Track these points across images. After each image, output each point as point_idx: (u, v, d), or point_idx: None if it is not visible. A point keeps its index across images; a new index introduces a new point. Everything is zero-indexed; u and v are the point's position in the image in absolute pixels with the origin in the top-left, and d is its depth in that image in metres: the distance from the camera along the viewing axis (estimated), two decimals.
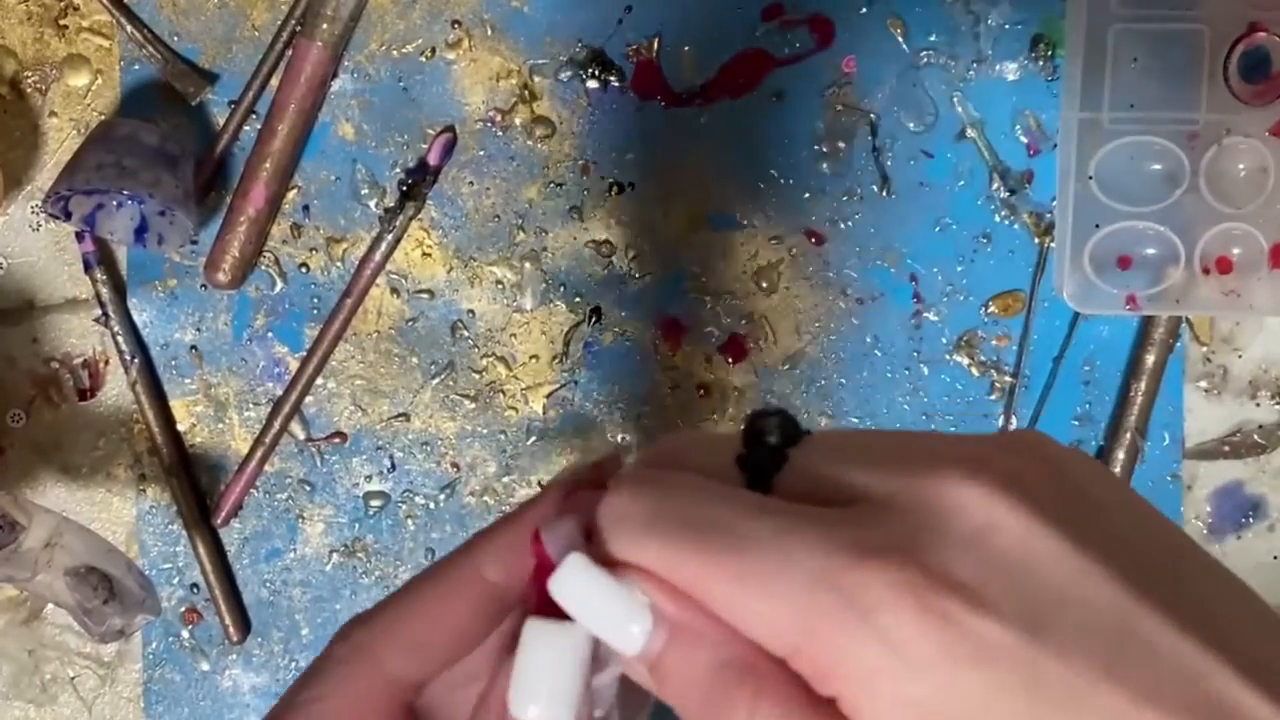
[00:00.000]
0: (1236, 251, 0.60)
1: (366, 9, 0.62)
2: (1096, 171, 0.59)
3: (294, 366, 0.63)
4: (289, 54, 0.61)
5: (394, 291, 0.63)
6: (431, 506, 0.63)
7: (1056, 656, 0.22)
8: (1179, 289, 0.60)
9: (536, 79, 0.62)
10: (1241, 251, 0.60)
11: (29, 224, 0.63)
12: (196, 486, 0.63)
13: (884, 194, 0.63)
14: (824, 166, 0.63)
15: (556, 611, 0.27)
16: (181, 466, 0.63)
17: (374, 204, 0.63)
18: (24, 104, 0.62)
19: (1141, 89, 0.59)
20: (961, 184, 0.63)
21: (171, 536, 0.63)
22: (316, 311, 0.63)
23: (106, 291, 0.62)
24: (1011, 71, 0.62)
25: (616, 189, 0.63)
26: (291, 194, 0.63)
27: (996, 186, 0.63)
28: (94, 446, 0.63)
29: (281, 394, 0.63)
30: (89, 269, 0.62)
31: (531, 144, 0.62)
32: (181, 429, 0.63)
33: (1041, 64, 0.62)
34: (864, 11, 0.62)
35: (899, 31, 0.62)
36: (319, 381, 0.63)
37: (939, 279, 0.63)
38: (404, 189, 0.62)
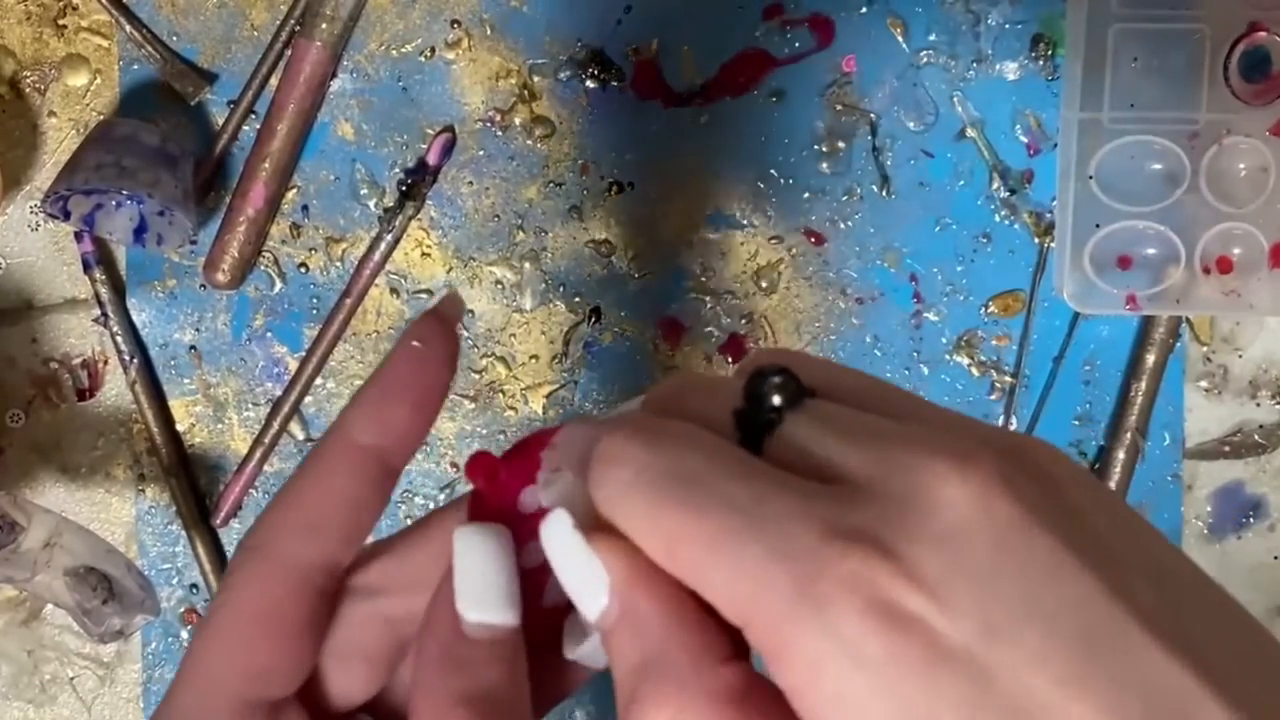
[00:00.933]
0: (1237, 251, 0.60)
1: (366, 9, 0.62)
2: (1097, 171, 0.59)
3: (293, 366, 0.63)
4: (288, 54, 0.61)
5: (393, 291, 0.63)
6: (431, 507, 0.63)
7: (1015, 665, 0.21)
8: (1179, 289, 0.60)
9: (536, 79, 0.62)
10: (1242, 251, 0.60)
11: (28, 224, 0.63)
12: (196, 487, 0.63)
13: (884, 194, 0.63)
14: (824, 166, 0.63)
15: (486, 517, 0.29)
16: (181, 467, 0.63)
17: (373, 204, 0.63)
18: (23, 104, 0.62)
19: (1142, 89, 0.59)
20: (961, 184, 0.63)
21: (171, 537, 0.63)
22: (316, 311, 0.63)
23: (106, 291, 0.62)
24: (1012, 71, 0.62)
25: (616, 189, 0.63)
26: (291, 194, 0.63)
27: (997, 186, 0.63)
28: (93, 447, 0.63)
29: (281, 394, 0.63)
30: (88, 269, 0.62)
31: (531, 144, 0.62)
32: (181, 429, 0.63)
33: (1042, 63, 0.62)
34: (864, 11, 0.62)
35: (899, 31, 0.62)
36: (318, 382, 0.63)
37: (939, 279, 0.63)
38: (403, 189, 0.62)
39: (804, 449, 0.25)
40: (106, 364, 0.63)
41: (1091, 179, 0.59)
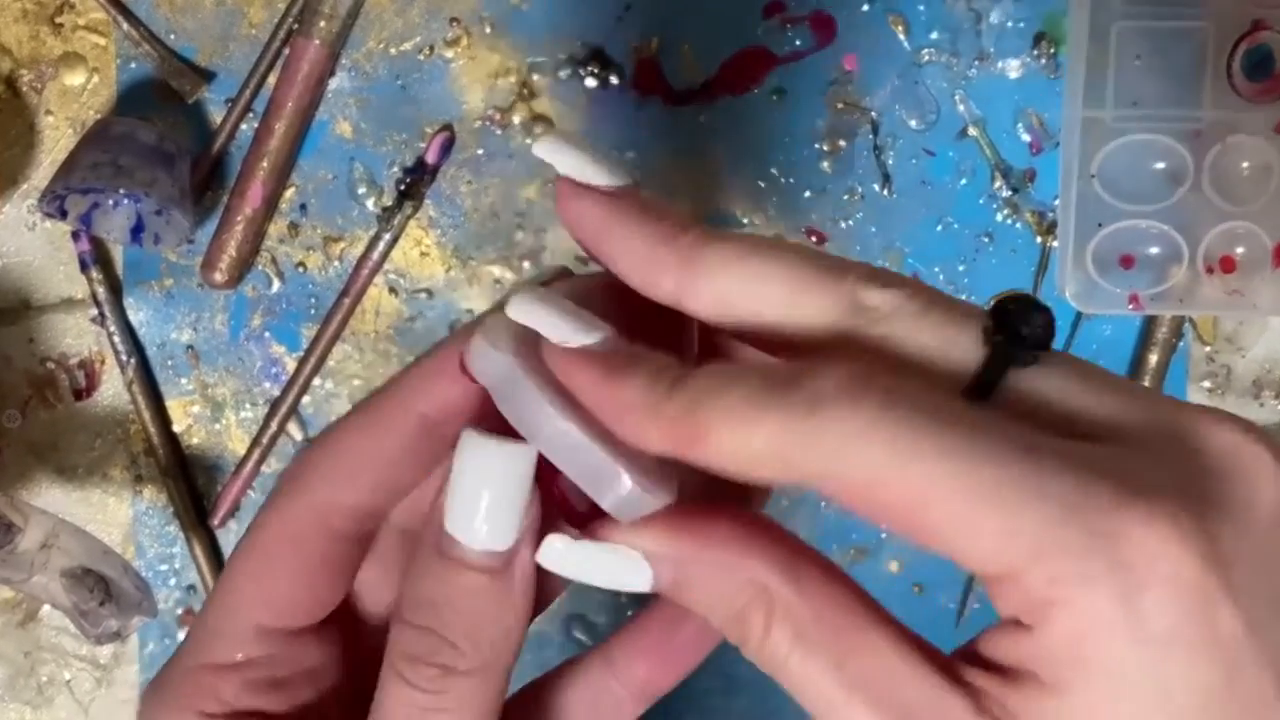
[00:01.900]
0: (1240, 250, 0.60)
1: (364, 7, 0.61)
2: (1099, 170, 0.59)
3: (291, 366, 0.63)
4: (286, 52, 0.61)
5: (392, 291, 0.63)
6: None
7: (1260, 663, 0.21)
8: (1182, 288, 0.60)
9: (535, 77, 0.62)
10: (1245, 250, 0.60)
11: (24, 223, 0.62)
12: (193, 487, 0.63)
13: (885, 193, 0.62)
14: (825, 165, 0.62)
15: (498, 427, 0.27)
16: (178, 467, 0.62)
17: (372, 203, 0.62)
18: (20, 102, 0.62)
19: (1145, 87, 0.59)
20: (963, 182, 0.62)
21: (168, 538, 0.63)
22: (314, 311, 0.63)
23: (102, 291, 0.61)
24: (1014, 69, 0.62)
25: None
26: (289, 193, 0.62)
27: (999, 185, 0.62)
28: (90, 447, 0.63)
29: (279, 394, 0.63)
30: (85, 268, 0.61)
31: (530, 142, 0.62)
32: (178, 429, 0.63)
33: (1044, 61, 0.62)
34: (865, 9, 0.62)
35: (900, 29, 0.62)
36: (316, 381, 0.63)
37: (941, 278, 0.63)
38: (402, 188, 0.62)
39: (1049, 399, 0.23)
40: (103, 364, 0.63)
41: (1094, 178, 0.59)
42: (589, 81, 0.62)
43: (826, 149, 0.62)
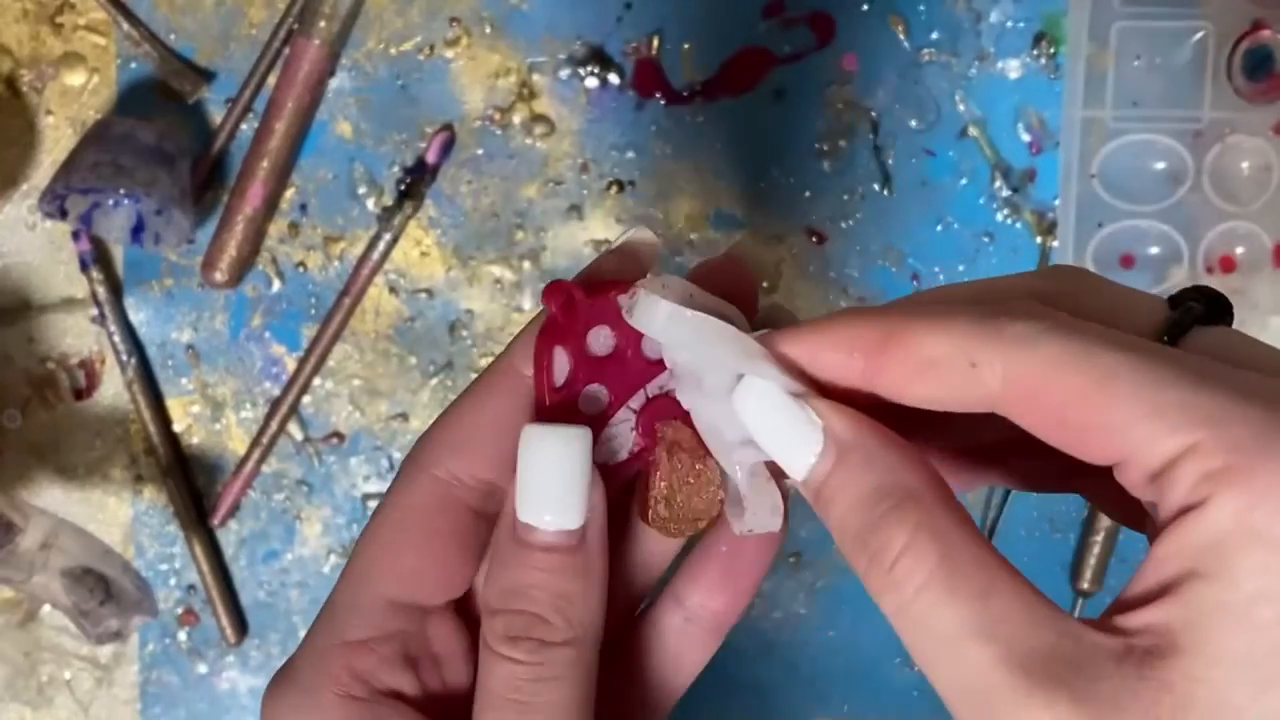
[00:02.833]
0: (1240, 250, 0.60)
1: (364, 7, 0.61)
2: (1099, 170, 0.59)
3: (291, 366, 0.63)
4: (286, 52, 0.61)
5: (392, 291, 0.63)
6: None
7: None
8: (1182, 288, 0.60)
9: (535, 77, 0.62)
10: (1245, 250, 0.60)
11: (25, 223, 0.62)
12: (193, 487, 0.63)
13: (885, 192, 0.62)
14: (825, 165, 0.62)
15: (560, 417, 0.29)
16: (178, 467, 0.62)
17: (372, 203, 0.62)
18: (20, 102, 0.62)
19: (1145, 87, 0.59)
20: (963, 182, 0.62)
21: (168, 537, 0.63)
22: (314, 311, 0.63)
23: (103, 291, 0.61)
24: (1014, 69, 0.62)
25: (616, 187, 0.62)
26: (289, 193, 0.62)
27: (999, 185, 0.62)
28: (90, 447, 0.63)
29: (279, 394, 0.62)
30: (85, 268, 0.61)
31: (530, 142, 0.62)
32: (178, 429, 0.63)
33: (1044, 61, 0.62)
34: (865, 9, 0.62)
35: (900, 29, 0.62)
36: (316, 381, 0.63)
37: (941, 278, 0.63)
38: (402, 188, 0.62)
39: (1221, 356, 0.25)
40: (104, 364, 0.63)
41: (1094, 178, 0.59)
42: (589, 81, 0.62)
43: (826, 149, 0.62)
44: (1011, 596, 0.24)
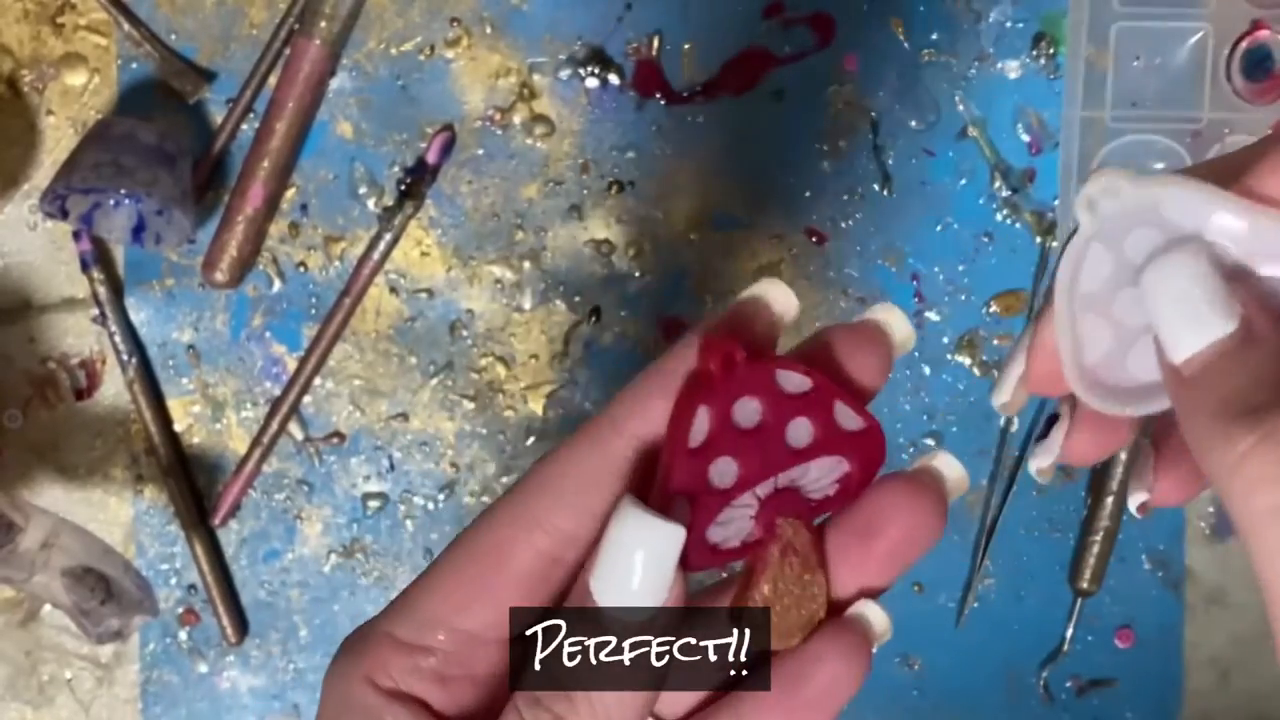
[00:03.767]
0: None
1: (365, 7, 0.61)
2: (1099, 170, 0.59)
3: (292, 366, 0.63)
4: (287, 52, 0.61)
5: (393, 291, 0.63)
6: (430, 507, 0.63)
7: None
8: None
9: (536, 77, 0.62)
10: None
11: (26, 223, 0.62)
12: (194, 487, 0.63)
13: (885, 193, 0.62)
14: (825, 165, 0.62)
15: (684, 482, 0.27)
16: (179, 467, 0.62)
17: (372, 203, 0.62)
18: (21, 102, 0.62)
19: (1144, 87, 0.59)
20: (963, 182, 0.62)
21: (169, 537, 0.63)
22: (315, 311, 0.63)
23: (104, 291, 0.61)
24: (1013, 69, 0.62)
25: (616, 188, 0.62)
26: (289, 193, 0.62)
27: (998, 185, 0.62)
28: (91, 447, 0.63)
29: (279, 394, 0.63)
30: (86, 268, 0.61)
31: (531, 142, 0.62)
32: (179, 429, 0.63)
33: (1043, 62, 0.62)
34: (865, 9, 0.62)
35: (900, 29, 0.62)
36: (317, 381, 0.63)
37: (940, 278, 0.63)
38: (402, 188, 0.62)
39: None
40: (104, 364, 0.63)
41: None
42: (589, 81, 0.62)
43: (826, 149, 0.62)
44: None
